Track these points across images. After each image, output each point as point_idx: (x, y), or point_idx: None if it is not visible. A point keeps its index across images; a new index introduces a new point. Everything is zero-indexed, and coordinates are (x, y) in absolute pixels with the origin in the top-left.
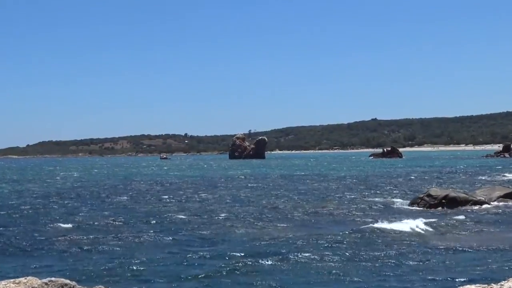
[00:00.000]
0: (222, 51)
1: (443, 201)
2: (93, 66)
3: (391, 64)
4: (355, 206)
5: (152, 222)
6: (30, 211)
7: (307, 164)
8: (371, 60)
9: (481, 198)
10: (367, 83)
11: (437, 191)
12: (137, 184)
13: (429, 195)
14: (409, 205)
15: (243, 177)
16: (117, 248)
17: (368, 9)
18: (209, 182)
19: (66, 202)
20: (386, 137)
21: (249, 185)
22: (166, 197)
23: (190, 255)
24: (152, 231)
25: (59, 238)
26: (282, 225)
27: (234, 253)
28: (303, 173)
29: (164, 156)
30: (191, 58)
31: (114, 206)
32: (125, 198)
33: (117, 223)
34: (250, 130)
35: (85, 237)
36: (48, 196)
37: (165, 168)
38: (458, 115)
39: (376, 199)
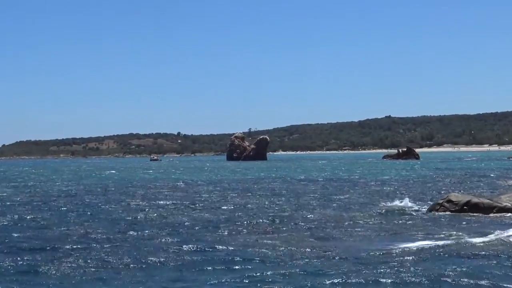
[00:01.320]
0: (218, 41)
1: (465, 207)
2: (76, 59)
3: (407, 56)
4: (369, 213)
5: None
6: None
7: (320, 168)
8: (384, 52)
9: (507, 204)
10: (380, 77)
11: (458, 197)
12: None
13: (449, 201)
14: (427, 212)
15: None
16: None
17: None
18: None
19: None
20: (401, 136)
21: (254, 192)
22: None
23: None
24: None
25: None
26: (297, 237)
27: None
28: (321, 180)
29: (155, 158)
30: (185, 49)
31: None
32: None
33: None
34: (250, 129)
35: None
36: None
37: (150, 171)
38: (481, 112)
39: (389, 203)
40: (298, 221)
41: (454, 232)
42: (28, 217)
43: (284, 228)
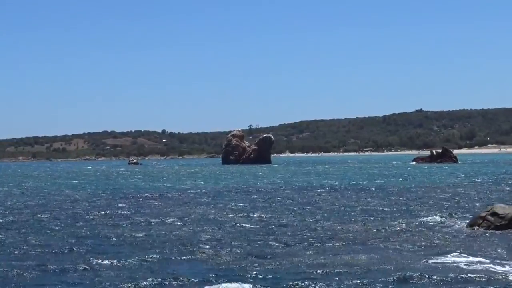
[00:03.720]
0: (212, 23)
1: None
2: (40, 43)
3: (442, 38)
4: (398, 228)
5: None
6: None
7: (339, 173)
8: (413, 33)
9: None
10: (409, 63)
11: (505, 209)
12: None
13: (493, 214)
14: (467, 227)
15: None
16: None
17: None
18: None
19: None
20: (435, 135)
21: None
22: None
23: None
24: None
25: None
26: (314, 253)
27: None
28: (342, 188)
29: (134, 161)
30: (172, 33)
31: None
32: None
33: None
34: (250, 126)
35: None
36: None
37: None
38: None
39: (422, 216)
40: (330, 234)
41: (497, 252)
42: None
43: (318, 244)
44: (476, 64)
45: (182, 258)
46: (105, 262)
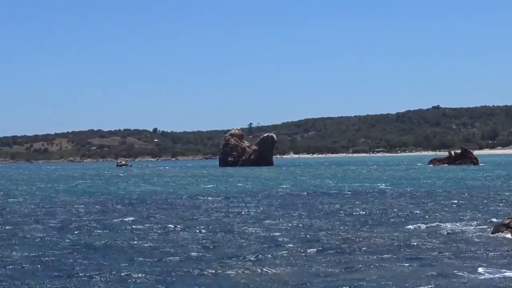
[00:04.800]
0: (208, 11)
1: None
2: (18, 37)
3: (462, 30)
4: (417, 234)
5: None
6: None
7: (349, 176)
8: (431, 25)
9: None
10: (425, 56)
11: None
12: None
13: None
14: (492, 234)
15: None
16: None
17: None
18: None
19: None
20: (454, 134)
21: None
22: None
23: None
24: None
25: None
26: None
27: None
28: (357, 192)
29: (123, 163)
30: (163, 22)
31: None
32: None
33: None
34: (251, 124)
35: None
36: None
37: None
38: None
39: (442, 222)
40: (348, 241)
41: None
42: None
43: (342, 256)
44: (499, 57)
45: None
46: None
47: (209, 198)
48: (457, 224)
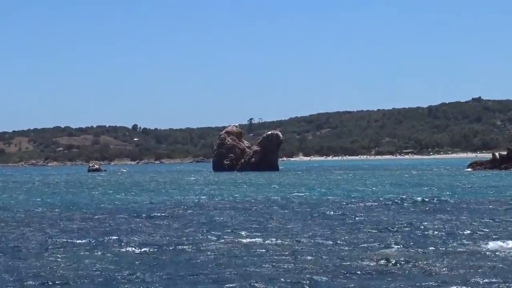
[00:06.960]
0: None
1: None
2: None
3: (504, 11)
4: (443, 255)
5: None
6: None
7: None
8: (470, 5)
9: None
10: (464, 40)
11: None
12: None
13: None
14: None
15: None
16: None
17: None
18: None
19: None
20: (498, 131)
21: None
22: None
23: None
24: None
25: None
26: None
27: None
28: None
29: (95, 167)
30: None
31: None
32: None
33: None
34: (251, 120)
35: None
36: None
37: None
38: None
39: (479, 242)
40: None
41: None
42: None
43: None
44: None
45: None
46: None
47: None
48: (499, 242)
